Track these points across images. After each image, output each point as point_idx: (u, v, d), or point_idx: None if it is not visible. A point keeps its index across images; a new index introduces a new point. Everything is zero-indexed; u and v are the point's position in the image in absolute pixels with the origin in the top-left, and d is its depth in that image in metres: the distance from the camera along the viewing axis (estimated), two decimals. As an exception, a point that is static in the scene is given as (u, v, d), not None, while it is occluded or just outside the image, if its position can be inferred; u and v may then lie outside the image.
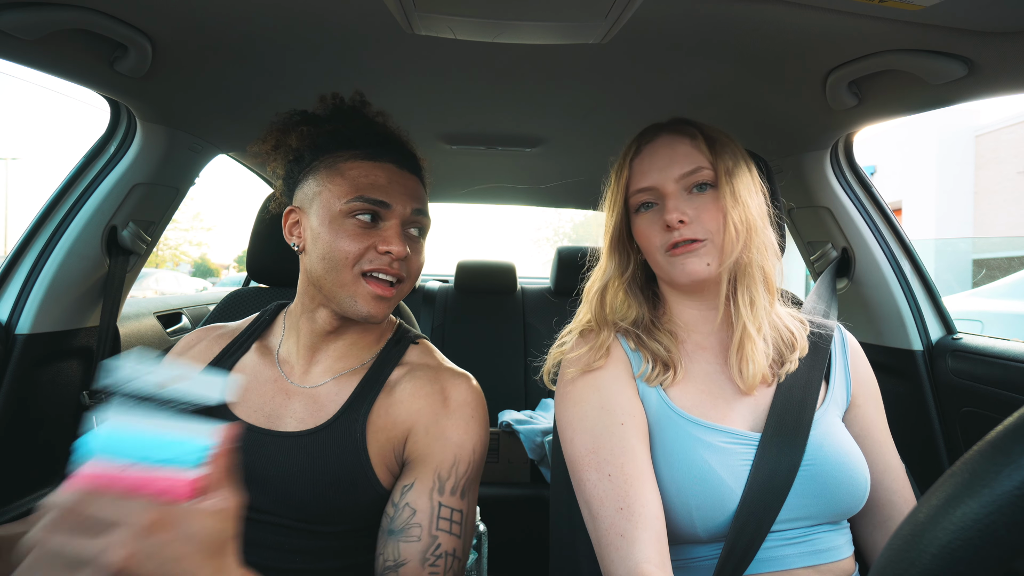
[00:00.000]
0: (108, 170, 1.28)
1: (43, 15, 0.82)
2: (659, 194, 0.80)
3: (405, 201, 0.81)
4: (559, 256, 2.52)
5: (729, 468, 0.72)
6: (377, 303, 0.80)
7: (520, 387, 2.32)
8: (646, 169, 0.81)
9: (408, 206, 0.82)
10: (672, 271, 0.79)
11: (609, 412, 0.76)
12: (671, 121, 0.85)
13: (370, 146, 0.84)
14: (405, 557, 0.73)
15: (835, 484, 0.73)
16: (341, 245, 0.78)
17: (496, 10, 0.79)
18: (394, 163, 0.84)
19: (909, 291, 1.36)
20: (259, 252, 1.30)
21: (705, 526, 0.71)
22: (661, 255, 0.79)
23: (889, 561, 0.30)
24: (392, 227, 0.80)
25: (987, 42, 0.78)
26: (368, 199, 0.79)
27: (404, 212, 0.81)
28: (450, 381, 0.85)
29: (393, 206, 0.80)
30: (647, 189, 0.80)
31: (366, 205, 0.79)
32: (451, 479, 0.78)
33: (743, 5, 0.79)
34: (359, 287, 0.79)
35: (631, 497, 0.69)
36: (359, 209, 0.79)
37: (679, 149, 0.80)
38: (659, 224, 0.79)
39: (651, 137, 0.83)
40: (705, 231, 0.77)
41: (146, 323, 1.71)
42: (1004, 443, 0.29)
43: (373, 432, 0.81)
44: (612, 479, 0.71)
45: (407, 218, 0.82)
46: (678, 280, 0.79)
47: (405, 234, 0.82)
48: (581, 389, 0.80)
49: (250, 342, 0.91)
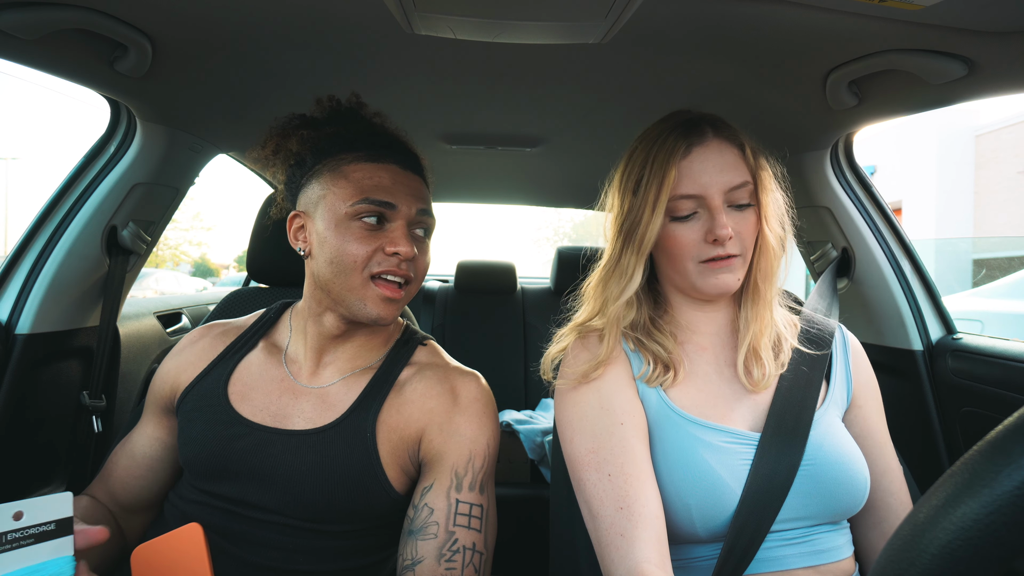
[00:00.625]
0: (108, 170, 1.28)
1: (43, 15, 0.82)
2: (704, 204, 0.75)
3: (410, 202, 0.82)
4: (559, 256, 2.52)
5: (729, 468, 0.72)
6: (387, 305, 0.80)
7: (520, 387, 2.32)
8: (696, 174, 0.74)
9: (413, 206, 0.82)
10: (703, 283, 0.76)
11: (609, 412, 0.76)
12: (712, 120, 0.78)
13: (372, 148, 0.84)
14: (422, 555, 0.74)
15: (835, 484, 0.73)
16: (349, 248, 0.78)
17: (496, 10, 0.79)
18: (397, 164, 0.84)
19: (909, 291, 1.36)
20: (259, 252, 1.30)
21: (705, 525, 0.71)
22: (693, 265, 0.76)
23: (889, 561, 0.30)
24: (398, 228, 0.80)
25: (987, 42, 0.78)
26: (374, 201, 0.79)
27: (410, 213, 0.81)
28: (459, 379, 0.86)
29: (399, 207, 0.80)
30: (693, 197, 0.74)
31: (372, 207, 0.79)
32: (468, 475, 0.79)
33: (743, 5, 0.79)
34: (368, 290, 0.79)
35: (631, 497, 0.69)
36: (365, 211, 0.79)
37: (728, 158, 0.75)
38: (699, 234, 0.75)
39: (700, 139, 0.76)
40: (742, 247, 0.76)
41: (146, 323, 1.71)
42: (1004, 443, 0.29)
43: (384, 432, 0.81)
44: (612, 479, 0.71)
45: (413, 219, 0.82)
46: (706, 292, 0.77)
47: (411, 235, 0.82)
48: (581, 390, 0.80)
49: (256, 339, 0.91)
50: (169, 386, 0.90)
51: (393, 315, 0.81)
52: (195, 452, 0.81)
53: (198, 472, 0.81)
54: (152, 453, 0.89)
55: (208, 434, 0.81)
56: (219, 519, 0.79)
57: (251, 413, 0.82)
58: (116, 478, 0.88)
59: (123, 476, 0.88)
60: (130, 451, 0.90)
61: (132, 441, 0.90)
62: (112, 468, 0.89)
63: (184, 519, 0.79)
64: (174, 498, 0.86)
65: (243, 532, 0.78)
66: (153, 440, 0.90)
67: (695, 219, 0.76)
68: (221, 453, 0.79)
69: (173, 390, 0.89)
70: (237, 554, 0.77)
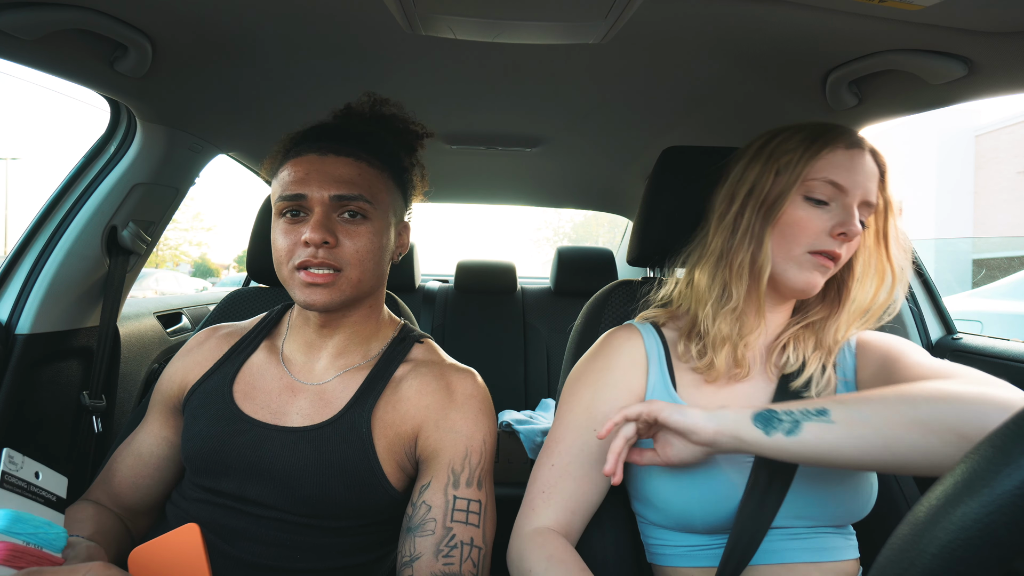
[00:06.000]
0: (108, 170, 1.28)
1: (43, 15, 0.82)
2: (841, 198, 0.74)
3: (323, 187, 0.78)
4: (559, 256, 2.52)
5: (734, 463, 0.74)
6: (312, 291, 0.78)
7: (520, 387, 2.32)
8: (847, 167, 0.74)
9: (325, 192, 0.78)
10: (798, 274, 0.76)
11: (591, 416, 0.79)
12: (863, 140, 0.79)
13: (299, 143, 0.84)
14: (420, 551, 0.74)
15: (838, 488, 0.74)
16: (276, 244, 0.80)
17: (496, 10, 0.79)
18: (316, 152, 0.81)
19: (909, 291, 1.36)
20: (259, 252, 1.30)
21: (706, 520, 0.73)
22: (801, 253, 0.75)
23: (889, 561, 0.31)
24: (312, 217, 0.78)
25: (987, 42, 0.78)
26: (285, 196, 0.79)
27: (322, 198, 0.78)
28: (455, 376, 0.86)
29: (308, 195, 0.78)
30: (838, 186, 0.74)
31: (286, 203, 0.80)
32: (465, 471, 0.79)
33: (743, 5, 0.79)
34: (294, 278, 0.79)
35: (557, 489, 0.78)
36: (283, 208, 0.80)
37: (869, 169, 0.76)
38: (826, 224, 0.74)
39: (860, 147, 0.76)
40: (847, 256, 0.77)
41: (146, 323, 1.71)
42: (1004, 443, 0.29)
43: (380, 427, 0.81)
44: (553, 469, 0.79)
45: (327, 204, 0.79)
46: (795, 285, 0.77)
47: (338, 221, 0.80)
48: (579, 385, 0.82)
49: (258, 341, 0.92)
50: (177, 385, 0.91)
51: (324, 300, 0.79)
52: (197, 448, 0.82)
53: (199, 468, 0.82)
54: (160, 452, 0.90)
55: (211, 430, 0.82)
56: (219, 516, 0.79)
57: (252, 410, 0.83)
58: (122, 479, 0.88)
59: (130, 477, 0.88)
60: (137, 452, 0.90)
61: (138, 442, 0.91)
62: (117, 470, 0.89)
63: (185, 518, 0.79)
64: (176, 497, 0.86)
65: (242, 529, 0.78)
66: (161, 440, 0.90)
67: (827, 209, 0.75)
68: (221, 448, 0.80)
69: (181, 389, 0.90)
70: (236, 554, 0.77)
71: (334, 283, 0.79)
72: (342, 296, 0.81)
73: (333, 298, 0.80)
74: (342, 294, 0.80)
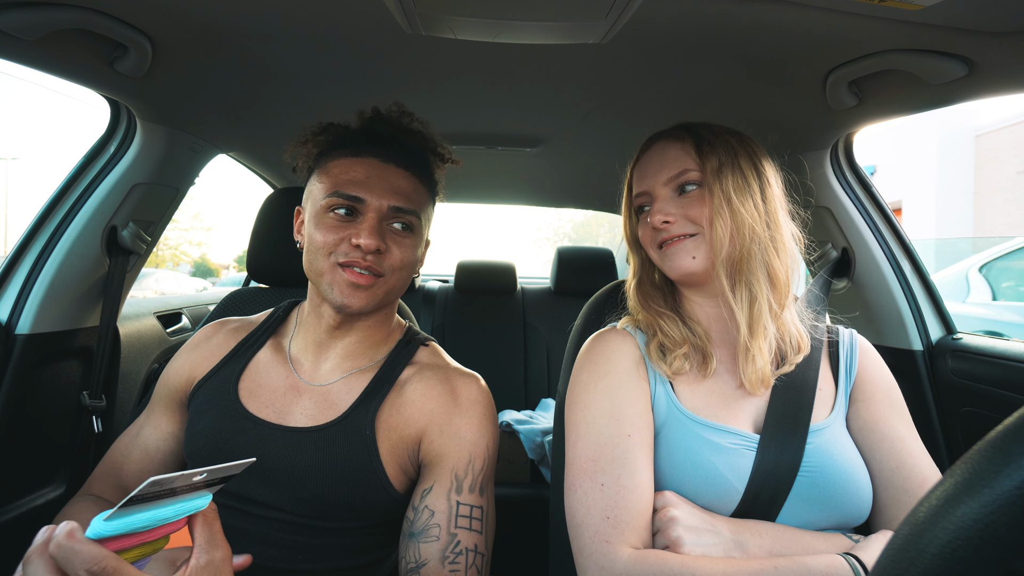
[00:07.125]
0: (108, 170, 1.28)
1: (43, 15, 0.82)
2: (651, 197, 0.85)
3: (383, 196, 0.81)
4: (559, 256, 2.52)
5: (733, 467, 0.73)
6: (352, 292, 0.79)
7: (520, 387, 2.32)
8: (641, 175, 0.87)
9: (386, 201, 0.81)
10: (664, 265, 0.84)
11: (619, 421, 0.76)
12: (672, 128, 0.88)
13: (357, 143, 0.85)
14: (425, 557, 0.74)
15: (838, 492, 0.73)
16: (318, 236, 0.81)
17: (496, 10, 0.79)
18: (378, 157, 0.83)
19: (909, 291, 1.36)
20: (259, 252, 1.30)
21: None
22: (655, 251, 0.85)
23: (889, 561, 0.30)
24: (367, 221, 0.80)
25: (987, 42, 0.78)
26: (342, 194, 0.80)
27: (381, 207, 0.80)
28: (460, 381, 0.86)
29: (368, 201, 0.80)
30: (642, 193, 0.86)
31: (341, 200, 0.80)
32: (468, 477, 0.79)
33: (743, 5, 0.79)
34: (336, 275, 0.80)
35: (620, 507, 0.70)
36: (335, 204, 0.81)
37: (668, 154, 0.84)
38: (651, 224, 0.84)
39: (648, 145, 0.89)
40: (694, 227, 0.80)
41: (146, 323, 1.71)
42: (1004, 443, 0.29)
43: (384, 430, 0.81)
44: (604, 489, 0.72)
45: (384, 213, 0.81)
46: (669, 274, 0.84)
47: (387, 229, 0.82)
48: (593, 392, 0.80)
49: (265, 338, 0.93)
50: (184, 379, 0.91)
51: (361, 303, 0.80)
52: (200, 444, 0.82)
53: (201, 465, 0.82)
54: (167, 448, 0.90)
55: (215, 427, 0.82)
56: (221, 516, 0.79)
57: (257, 409, 0.83)
58: (130, 475, 0.88)
59: (138, 472, 0.88)
60: (144, 447, 0.89)
61: (144, 437, 0.90)
62: (123, 464, 0.88)
63: None
64: (177, 496, 0.86)
65: (244, 529, 0.78)
66: (167, 435, 0.90)
67: (648, 212, 0.85)
68: (224, 446, 0.80)
69: (188, 383, 0.90)
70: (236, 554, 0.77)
71: (373, 286, 0.81)
72: (376, 300, 0.82)
73: (369, 302, 0.81)
74: (376, 299, 0.82)
